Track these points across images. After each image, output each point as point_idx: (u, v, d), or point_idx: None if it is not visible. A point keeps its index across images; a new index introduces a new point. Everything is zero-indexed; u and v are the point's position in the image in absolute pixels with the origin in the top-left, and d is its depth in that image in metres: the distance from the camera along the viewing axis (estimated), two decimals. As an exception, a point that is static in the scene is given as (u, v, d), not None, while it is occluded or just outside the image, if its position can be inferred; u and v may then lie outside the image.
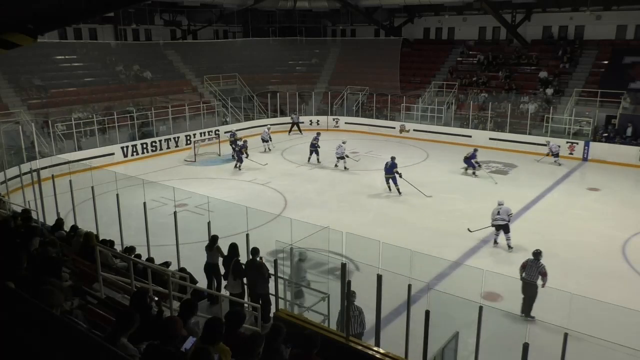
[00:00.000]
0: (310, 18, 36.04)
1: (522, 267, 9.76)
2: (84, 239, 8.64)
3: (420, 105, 27.07)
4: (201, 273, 9.47)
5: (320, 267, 10.95)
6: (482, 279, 8.43)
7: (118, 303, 6.18)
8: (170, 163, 21.57)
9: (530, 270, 9.56)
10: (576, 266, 11.70)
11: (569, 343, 5.43)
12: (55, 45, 25.66)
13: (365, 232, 11.13)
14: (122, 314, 4.23)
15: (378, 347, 6.52)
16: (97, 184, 12.06)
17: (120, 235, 11.04)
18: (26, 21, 6.57)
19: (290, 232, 8.57)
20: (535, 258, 9.64)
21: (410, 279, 6.54)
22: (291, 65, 33.33)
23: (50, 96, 23.10)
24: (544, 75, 25.95)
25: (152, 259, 9.32)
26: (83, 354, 2.74)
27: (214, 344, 4.09)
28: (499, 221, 12.61)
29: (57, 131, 20.48)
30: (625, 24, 26.02)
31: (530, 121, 23.53)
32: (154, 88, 26.88)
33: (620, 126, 22.00)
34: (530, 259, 9.71)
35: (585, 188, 18.02)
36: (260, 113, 28.80)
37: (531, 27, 28.81)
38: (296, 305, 8.57)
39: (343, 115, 29.04)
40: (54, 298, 4.04)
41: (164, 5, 30.68)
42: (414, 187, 16.75)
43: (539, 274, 9.45)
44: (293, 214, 13.57)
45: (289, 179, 19.12)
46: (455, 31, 31.75)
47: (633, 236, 13.43)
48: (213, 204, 11.69)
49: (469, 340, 6.45)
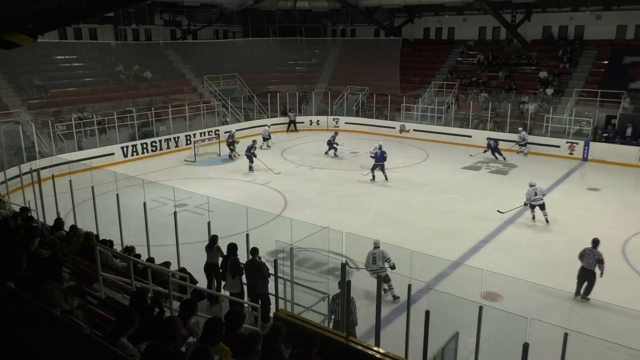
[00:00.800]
0: (310, 18, 36.04)
1: (581, 256, 10.18)
2: (84, 239, 8.64)
3: (420, 105, 27.07)
4: (201, 273, 9.47)
5: (320, 267, 10.96)
6: (482, 279, 8.44)
7: (118, 303, 6.17)
8: (170, 163, 21.57)
9: (588, 258, 10.03)
10: (576, 266, 11.68)
11: (569, 343, 5.43)
12: (55, 45, 25.65)
13: (365, 232, 11.13)
14: (122, 314, 4.23)
15: (378, 347, 6.52)
16: (97, 184, 12.06)
17: (120, 235, 11.04)
18: (26, 21, 6.57)
19: (290, 232, 8.58)
20: (593, 246, 10.09)
21: (410, 279, 6.54)
22: (291, 65, 33.33)
23: (50, 96, 23.10)
24: (544, 75, 25.96)
25: (152, 259, 9.32)
26: (83, 354, 2.74)
27: (214, 344, 4.10)
28: (538, 201, 14.02)
29: (57, 131, 20.48)
30: (625, 24, 26.02)
31: (530, 121, 23.54)
32: (154, 88, 26.88)
33: (620, 126, 22.00)
34: (588, 248, 10.16)
35: (585, 188, 18.02)
36: (260, 113, 28.81)
37: (531, 27, 28.81)
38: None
39: (343, 115, 29.04)
40: (54, 298, 4.04)
41: (164, 5, 30.68)
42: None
43: (596, 262, 9.91)
44: (293, 214, 13.56)
45: (289, 178, 19.12)
46: (455, 31, 31.75)
47: (633, 236, 13.43)
48: (213, 204, 11.70)
49: (469, 340, 6.45)
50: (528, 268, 11.35)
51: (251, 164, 20.11)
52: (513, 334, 6.15)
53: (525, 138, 22.66)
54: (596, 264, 9.93)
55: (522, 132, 22.73)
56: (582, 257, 10.14)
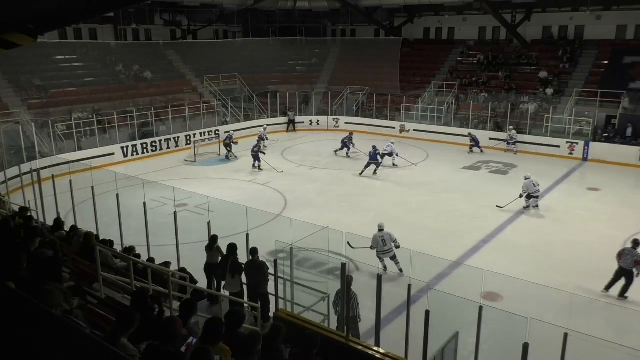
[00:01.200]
0: (310, 18, 36.04)
1: (619, 256, 10.21)
2: (84, 239, 8.64)
3: (420, 105, 27.06)
4: (201, 273, 9.47)
5: (320, 267, 10.97)
6: (482, 279, 8.43)
7: (118, 303, 6.17)
8: (170, 163, 21.57)
9: (626, 258, 10.07)
10: (576, 266, 11.71)
11: (569, 343, 5.43)
12: (55, 45, 25.65)
13: (365, 232, 11.13)
14: (122, 314, 4.23)
15: (378, 347, 6.52)
16: (97, 184, 12.05)
17: (120, 235, 11.04)
18: (26, 21, 6.57)
19: (290, 232, 8.58)
20: (632, 246, 10.10)
21: (410, 279, 6.55)
22: (291, 65, 33.33)
23: (50, 96, 23.10)
24: (544, 75, 25.95)
25: (152, 259, 9.32)
26: (83, 354, 2.74)
27: (214, 344, 4.10)
28: (537, 192, 15.07)
29: (57, 131, 20.48)
30: (625, 24, 26.01)
31: (530, 121, 23.54)
32: (154, 88, 26.87)
33: (620, 126, 21.99)
34: (627, 248, 10.21)
35: (585, 188, 18.03)
36: (260, 113, 28.80)
37: (531, 27, 28.80)
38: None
39: (343, 115, 29.04)
40: (54, 298, 4.04)
41: (164, 5, 30.68)
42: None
43: (635, 263, 9.94)
44: (293, 214, 13.56)
45: (289, 178, 19.12)
46: (455, 31, 31.75)
47: (633, 236, 13.33)
48: (213, 204, 11.70)
49: (469, 340, 6.45)
50: (528, 268, 11.35)
51: (258, 162, 20.12)
52: (513, 334, 6.15)
53: (514, 137, 22.85)
54: (634, 264, 9.93)
55: (511, 130, 23.00)
56: (620, 256, 10.15)
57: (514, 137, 22.85)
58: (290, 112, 28.41)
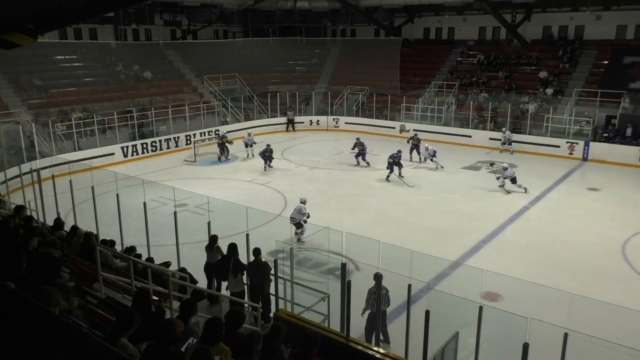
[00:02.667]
0: (310, 18, 36.04)
1: None
2: (84, 239, 8.63)
3: (420, 105, 27.06)
4: (201, 273, 9.47)
5: (320, 267, 10.96)
6: (482, 279, 8.42)
7: (118, 303, 6.17)
8: (170, 163, 21.57)
9: None
10: (576, 266, 11.70)
11: (569, 343, 5.43)
12: (55, 45, 25.66)
13: (365, 232, 11.12)
14: (122, 314, 4.23)
15: (378, 347, 6.52)
16: (97, 184, 12.05)
17: (121, 235, 11.03)
18: (26, 21, 6.57)
19: (290, 232, 8.58)
20: None
21: (410, 279, 6.54)
22: (291, 65, 33.33)
23: (50, 96, 23.10)
24: (544, 75, 25.95)
25: (152, 259, 9.31)
26: (83, 354, 2.74)
27: (214, 344, 4.09)
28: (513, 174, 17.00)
29: (57, 131, 20.49)
30: (625, 24, 26.01)
31: (530, 121, 23.54)
32: (154, 88, 26.87)
33: (620, 126, 21.99)
34: None
35: (585, 188, 18.02)
36: (260, 113, 28.80)
37: (531, 27, 28.80)
38: None
39: (343, 115, 29.05)
40: (52, 297, 4.03)
41: (164, 5, 30.69)
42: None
43: None
44: (293, 214, 13.53)
45: (289, 178, 19.12)
46: (455, 31, 31.75)
47: (633, 236, 13.43)
48: (213, 204, 11.69)
49: (469, 340, 6.45)
50: (528, 268, 11.34)
51: (269, 164, 20.11)
52: (513, 334, 6.15)
53: (510, 137, 22.91)
54: None
55: (506, 131, 23.08)
56: None
57: (509, 138, 22.90)
58: (290, 112, 28.41)
